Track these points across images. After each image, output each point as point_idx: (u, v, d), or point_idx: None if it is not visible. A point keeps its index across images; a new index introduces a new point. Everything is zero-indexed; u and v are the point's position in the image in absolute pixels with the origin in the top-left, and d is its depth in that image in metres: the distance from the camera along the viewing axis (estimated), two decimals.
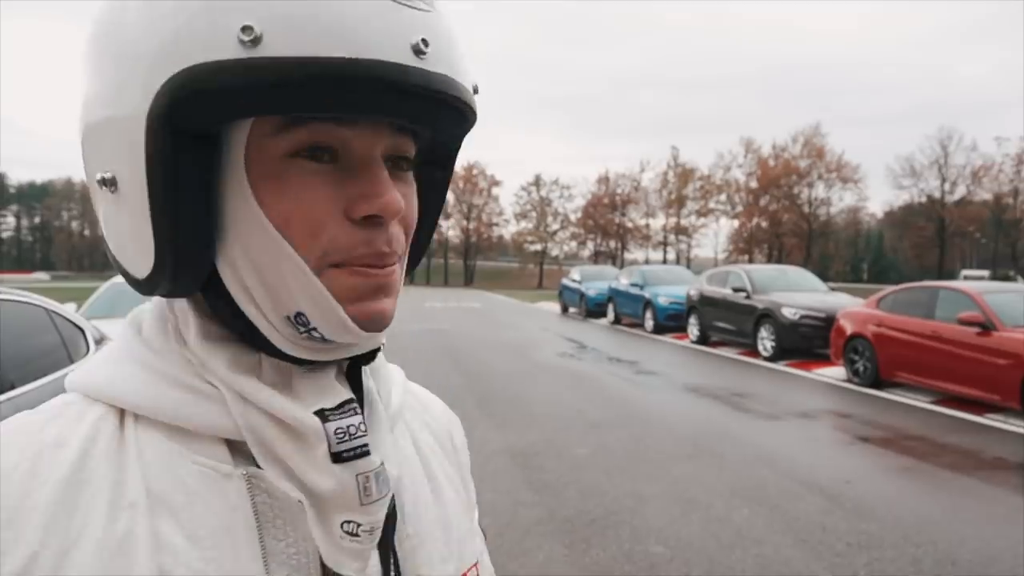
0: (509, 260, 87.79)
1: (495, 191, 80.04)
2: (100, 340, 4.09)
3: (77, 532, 0.42)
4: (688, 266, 48.90)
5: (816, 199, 66.10)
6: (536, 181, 78.00)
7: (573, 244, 79.60)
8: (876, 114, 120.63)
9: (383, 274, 0.47)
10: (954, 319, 7.97)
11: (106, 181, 0.46)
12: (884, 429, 6.83)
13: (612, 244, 76.18)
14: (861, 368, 9.21)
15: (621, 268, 24.21)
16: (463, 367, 10.69)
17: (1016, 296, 8.07)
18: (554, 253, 79.46)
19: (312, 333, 0.47)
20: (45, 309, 3.70)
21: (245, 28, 0.40)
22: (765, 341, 11.78)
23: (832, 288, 14.39)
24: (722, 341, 13.60)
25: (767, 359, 11.55)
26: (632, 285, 17.75)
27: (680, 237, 73.41)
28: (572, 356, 12.26)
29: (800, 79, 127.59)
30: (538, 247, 78.09)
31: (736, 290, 12.91)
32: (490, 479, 4.94)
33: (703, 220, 72.56)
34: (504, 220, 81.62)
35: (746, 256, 67.20)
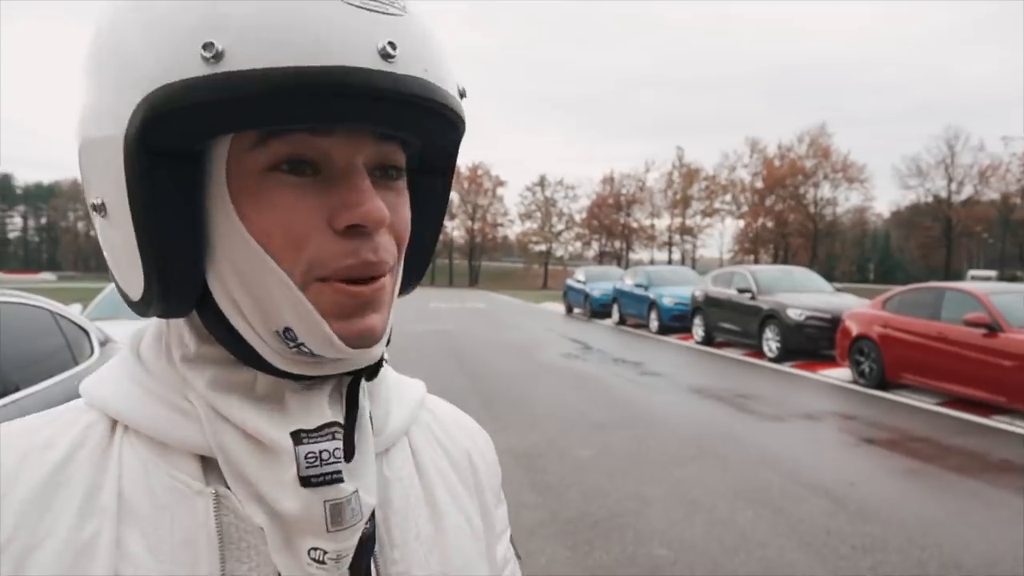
0: (514, 260, 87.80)
1: (500, 191, 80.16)
2: (104, 342, 4.11)
3: (45, 532, 0.43)
4: (693, 266, 48.94)
5: (822, 199, 65.98)
6: (541, 181, 78.03)
7: (578, 244, 79.64)
8: (881, 114, 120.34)
9: (368, 291, 0.46)
10: (960, 320, 7.94)
11: (96, 207, 0.47)
12: (889, 431, 6.80)
13: (617, 244, 76.16)
14: (867, 369, 9.18)
15: (626, 269, 24.17)
16: (467, 368, 10.70)
17: (1023, 297, 8.04)
18: (559, 254, 79.51)
19: (301, 348, 0.47)
20: (50, 311, 3.72)
21: (206, 45, 0.40)
22: (770, 342, 11.76)
23: (838, 288, 14.38)
24: (727, 342, 13.57)
25: (772, 360, 11.52)
26: (637, 286, 17.73)
27: (685, 237, 73.34)
28: (576, 357, 12.26)
29: (804, 79, 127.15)
30: (543, 247, 78.11)
31: (741, 291, 12.88)
32: None
33: (708, 220, 72.51)
34: (509, 220, 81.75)
35: (752, 256, 67.08)
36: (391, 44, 0.42)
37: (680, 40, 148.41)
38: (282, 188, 0.44)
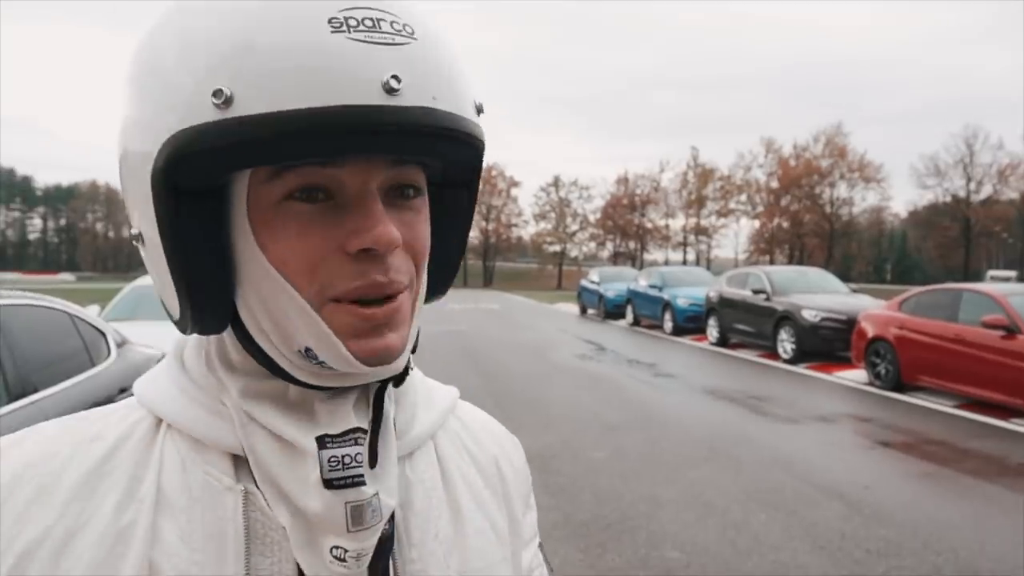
0: (528, 261, 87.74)
1: (514, 192, 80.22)
2: (121, 344, 4.16)
3: (88, 516, 0.47)
4: (708, 267, 48.73)
5: (838, 199, 65.52)
6: (555, 182, 78.00)
7: (592, 245, 79.54)
8: (899, 112, 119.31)
9: (382, 312, 0.48)
10: (978, 322, 7.86)
11: (135, 237, 0.51)
12: (905, 433, 6.74)
13: (631, 245, 75.97)
14: (883, 371, 9.10)
15: (640, 269, 24.11)
16: (481, 368, 10.73)
17: None
18: (573, 254, 79.37)
19: (323, 365, 0.49)
20: (68, 314, 3.77)
21: (216, 92, 0.43)
22: (785, 343, 11.69)
23: (855, 289, 14.25)
24: (741, 343, 13.51)
25: (787, 362, 11.45)
26: (651, 286, 17.69)
27: (700, 238, 73.06)
28: (590, 358, 12.25)
29: (820, 78, 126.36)
30: (557, 248, 78.04)
31: (756, 292, 12.81)
32: None
33: (723, 220, 72.24)
34: (523, 221, 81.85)
35: (767, 257, 66.67)
36: (395, 78, 0.44)
37: (693, 40, 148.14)
38: (296, 216, 0.47)
